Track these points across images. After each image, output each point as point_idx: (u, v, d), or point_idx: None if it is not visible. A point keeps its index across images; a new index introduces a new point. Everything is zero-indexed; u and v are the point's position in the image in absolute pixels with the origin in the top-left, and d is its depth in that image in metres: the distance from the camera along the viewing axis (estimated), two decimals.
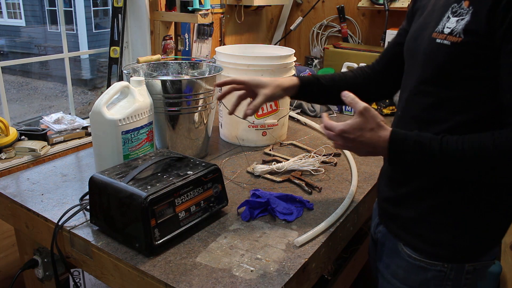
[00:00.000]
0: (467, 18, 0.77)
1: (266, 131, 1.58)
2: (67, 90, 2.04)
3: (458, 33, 0.78)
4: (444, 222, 0.88)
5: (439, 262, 0.90)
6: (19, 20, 13.88)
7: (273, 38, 2.88)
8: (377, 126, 0.85)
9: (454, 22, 0.79)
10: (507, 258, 1.87)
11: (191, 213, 1.01)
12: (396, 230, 0.97)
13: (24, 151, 1.59)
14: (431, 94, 0.85)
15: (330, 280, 1.51)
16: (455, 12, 0.79)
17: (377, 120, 0.85)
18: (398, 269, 0.97)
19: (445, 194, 0.87)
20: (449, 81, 0.81)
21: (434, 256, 0.90)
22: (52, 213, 1.10)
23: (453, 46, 0.78)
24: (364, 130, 0.85)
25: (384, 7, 2.27)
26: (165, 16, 1.98)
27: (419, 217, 0.91)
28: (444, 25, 0.81)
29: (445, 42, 0.80)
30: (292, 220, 1.08)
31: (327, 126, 0.90)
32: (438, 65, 0.82)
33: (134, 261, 0.92)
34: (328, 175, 1.35)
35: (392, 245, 0.99)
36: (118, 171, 1.03)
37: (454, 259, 0.90)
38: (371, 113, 0.85)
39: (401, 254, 0.95)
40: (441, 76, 0.83)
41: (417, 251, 0.92)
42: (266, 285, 0.85)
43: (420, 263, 0.92)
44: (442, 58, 0.81)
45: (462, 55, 0.78)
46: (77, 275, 1.44)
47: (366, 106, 0.85)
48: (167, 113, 1.34)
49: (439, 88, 0.83)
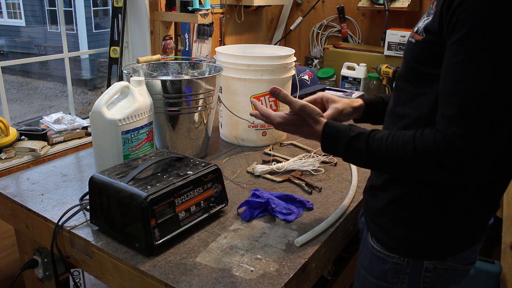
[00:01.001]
0: (430, 18, 0.78)
1: (266, 131, 1.58)
2: (67, 90, 2.04)
3: (421, 32, 0.80)
4: (401, 215, 0.88)
5: (396, 255, 0.90)
6: (19, 20, 13.88)
7: (273, 38, 2.88)
8: (313, 122, 0.91)
9: (422, 21, 0.81)
10: (507, 258, 1.87)
11: (191, 213, 1.01)
12: (367, 220, 0.98)
13: (24, 151, 1.59)
14: (403, 90, 0.87)
15: (330, 280, 1.51)
16: (428, 12, 0.81)
17: (313, 115, 0.91)
18: (365, 259, 0.98)
19: (406, 187, 0.87)
20: (415, 78, 0.83)
21: (391, 248, 0.91)
22: (52, 213, 1.10)
23: (416, 44, 0.81)
24: (301, 125, 0.93)
25: (384, 7, 2.27)
26: (165, 16, 1.98)
27: (382, 208, 0.91)
28: (418, 24, 0.83)
29: (412, 40, 0.83)
30: (292, 220, 1.08)
31: (263, 114, 0.96)
32: (407, 62, 0.85)
33: (134, 261, 0.92)
34: (328, 175, 1.35)
35: (365, 235, 1.01)
36: (118, 171, 1.03)
37: (410, 253, 0.89)
38: (307, 111, 0.91)
39: (368, 244, 0.97)
40: (409, 73, 0.85)
41: (378, 242, 0.93)
42: (266, 285, 0.85)
43: (380, 254, 0.92)
44: (409, 55, 0.84)
45: (422, 53, 0.80)
46: (77, 275, 1.44)
47: (302, 106, 0.91)
48: (167, 113, 1.34)
49: (409, 84, 0.85)
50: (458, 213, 0.84)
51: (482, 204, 0.85)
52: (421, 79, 0.81)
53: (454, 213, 0.84)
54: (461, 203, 0.84)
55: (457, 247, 0.89)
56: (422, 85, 0.81)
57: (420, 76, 0.82)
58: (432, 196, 0.84)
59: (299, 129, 0.94)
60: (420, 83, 0.82)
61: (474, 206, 0.84)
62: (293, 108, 0.92)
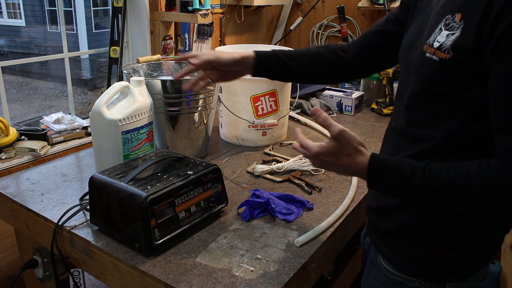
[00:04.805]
0: (457, 34, 0.72)
1: (266, 131, 1.58)
2: (67, 90, 2.05)
3: (446, 49, 0.73)
4: (419, 237, 0.84)
5: (416, 279, 0.86)
6: (19, 20, 13.88)
7: (273, 38, 2.88)
8: (354, 151, 0.80)
9: (445, 36, 0.74)
10: (507, 258, 1.87)
11: (191, 213, 1.01)
12: (376, 241, 0.94)
13: (24, 151, 1.59)
14: (421, 110, 0.81)
15: (330, 280, 1.51)
16: (447, 24, 0.74)
17: (354, 144, 0.80)
18: (376, 282, 0.94)
19: (423, 208, 0.83)
20: (437, 98, 0.77)
21: (411, 272, 0.87)
22: (52, 213, 1.10)
23: (441, 63, 0.74)
24: (340, 155, 0.80)
25: (384, 7, 2.27)
26: (165, 16, 1.98)
27: (397, 229, 0.87)
28: (435, 37, 0.76)
29: (434, 58, 0.75)
30: (292, 220, 1.08)
31: (303, 145, 0.85)
32: (426, 80, 0.78)
33: (134, 261, 0.92)
34: (328, 175, 1.35)
35: (372, 256, 0.96)
36: (118, 171, 1.03)
37: (431, 277, 0.85)
38: (347, 137, 0.79)
39: (379, 267, 0.92)
40: (429, 93, 0.78)
41: (395, 266, 0.89)
42: (266, 285, 0.85)
43: (398, 278, 0.88)
44: (430, 74, 0.77)
45: (449, 73, 0.74)
46: (77, 275, 1.44)
47: (340, 130, 0.79)
48: (167, 113, 1.34)
49: (428, 104, 0.79)
50: (479, 233, 0.82)
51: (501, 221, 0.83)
52: (445, 100, 0.76)
53: (476, 233, 0.81)
54: (483, 224, 0.81)
55: (477, 265, 0.86)
56: (445, 106, 0.76)
57: (443, 96, 0.76)
58: (453, 216, 0.81)
59: (338, 160, 0.81)
60: (442, 103, 0.77)
61: (497, 225, 0.83)
62: (331, 132, 0.80)
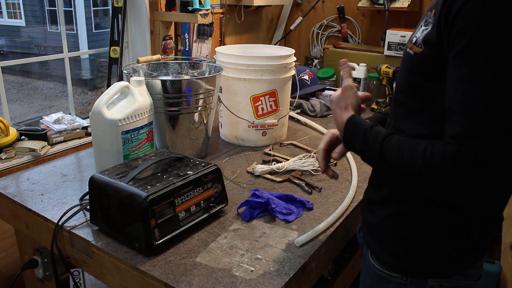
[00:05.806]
0: (429, 28, 0.73)
1: (266, 131, 1.58)
2: (67, 90, 2.04)
3: (419, 43, 0.75)
4: (400, 232, 0.85)
5: (398, 274, 0.86)
6: (19, 20, 13.87)
7: (273, 38, 2.88)
8: (345, 107, 0.88)
9: (420, 31, 0.76)
10: (507, 258, 1.87)
11: (191, 213, 1.01)
12: (366, 236, 0.94)
13: (24, 151, 1.59)
14: (402, 104, 0.83)
15: (330, 280, 1.51)
16: (426, 21, 0.76)
17: (347, 101, 0.88)
18: (366, 278, 0.95)
19: (405, 203, 0.83)
20: (413, 92, 0.79)
21: (392, 267, 0.87)
22: (52, 213, 1.10)
23: (415, 56, 0.77)
24: (337, 105, 0.90)
25: (384, 7, 2.27)
26: (165, 16, 1.97)
27: (380, 224, 0.88)
28: (415, 33, 0.78)
29: (410, 52, 0.78)
30: (292, 220, 1.08)
31: None
32: (406, 74, 0.80)
33: (134, 261, 0.92)
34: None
35: (365, 252, 0.97)
36: (118, 171, 1.03)
37: (412, 272, 0.85)
38: (347, 93, 0.88)
39: (368, 262, 0.93)
40: (408, 86, 0.80)
41: (379, 261, 0.89)
42: (266, 285, 0.85)
43: (382, 274, 0.89)
44: (407, 67, 0.80)
45: (421, 67, 0.76)
46: (77, 275, 1.44)
47: (346, 85, 0.89)
48: (167, 113, 1.34)
49: (407, 98, 0.81)
50: (459, 228, 0.81)
51: (484, 218, 0.82)
52: (420, 94, 0.78)
53: (455, 228, 0.81)
54: (463, 219, 0.80)
55: (461, 263, 0.85)
56: (421, 100, 0.78)
57: (419, 90, 0.78)
58: (432, 211, 0.81)
59: (335, 110, 0.89)
60: (419, 98, 0.78)
61: (476, 221, 0.81)
62: (343, 84, 0.90)
